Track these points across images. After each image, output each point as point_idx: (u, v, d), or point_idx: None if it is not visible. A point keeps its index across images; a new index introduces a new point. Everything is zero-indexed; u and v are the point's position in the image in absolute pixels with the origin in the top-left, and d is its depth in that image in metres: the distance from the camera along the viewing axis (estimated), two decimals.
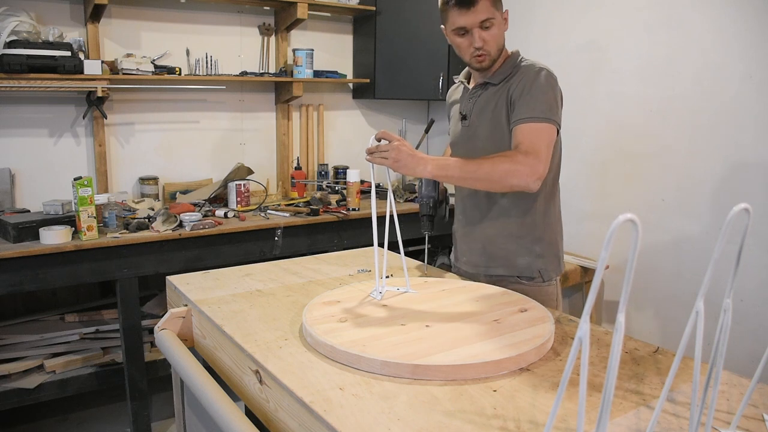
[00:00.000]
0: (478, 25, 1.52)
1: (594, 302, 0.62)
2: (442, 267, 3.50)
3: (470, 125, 1.67)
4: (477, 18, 1.51)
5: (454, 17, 1.54)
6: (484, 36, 1.54)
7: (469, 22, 1.52)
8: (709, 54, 2.46)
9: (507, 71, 1.61)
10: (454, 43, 1.62)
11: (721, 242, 0.65)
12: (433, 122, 3.64)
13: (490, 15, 1.52)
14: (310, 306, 1.30)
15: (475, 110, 1.66)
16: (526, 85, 1.53)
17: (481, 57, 1.58)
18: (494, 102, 1.61)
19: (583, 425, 0.67)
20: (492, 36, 1.55)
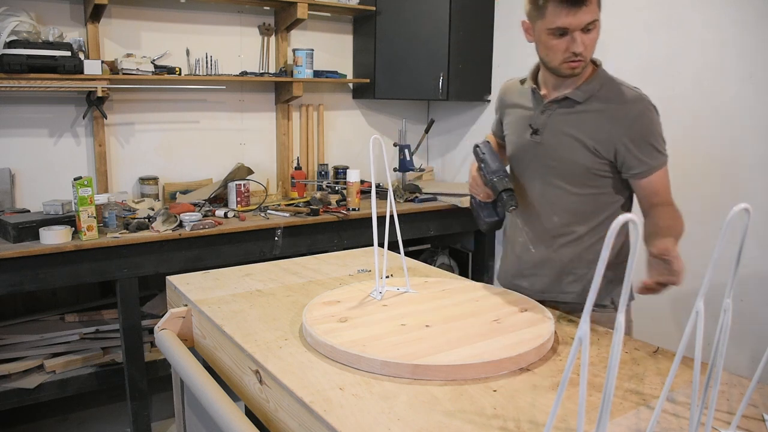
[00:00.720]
0: (582, 27, 1.34)
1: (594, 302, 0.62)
2: (442, 267, 3.50)
3: (543, 143, 1.50)
4: (583, 19, 1.32)
5: (555, 15, 1.33)
6: (585, 41, 1.36)
7: (574, 23, 1.33)
8: (709, 54, 2.46)
9: (594, 88, 1.44)
10: (544, 44, 1.41)
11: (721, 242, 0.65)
12: (433, 122, 3.65)
13: (595, 17, 1.35)
14: (310, 306, 1.30)
15: (551, 127, 1.49)
16: (644, 124, 1.39)
17: (576, 64, 1.39)
18: (579, 125, 1.44)
19: (583, 425, 0.67)
20: (592, 40, 1.38)
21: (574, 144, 1.44)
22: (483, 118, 3.60)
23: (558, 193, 1.51)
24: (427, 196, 3.26)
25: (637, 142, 1.39)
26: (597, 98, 1.43)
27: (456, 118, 3.79)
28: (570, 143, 1.45)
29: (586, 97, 1.44)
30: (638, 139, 1.39)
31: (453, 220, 3.29)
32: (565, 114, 1.46)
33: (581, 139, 1.43)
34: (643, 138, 1.39)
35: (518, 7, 3.34)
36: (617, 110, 1.41)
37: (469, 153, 3.73)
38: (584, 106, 1.44)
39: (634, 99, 1.41)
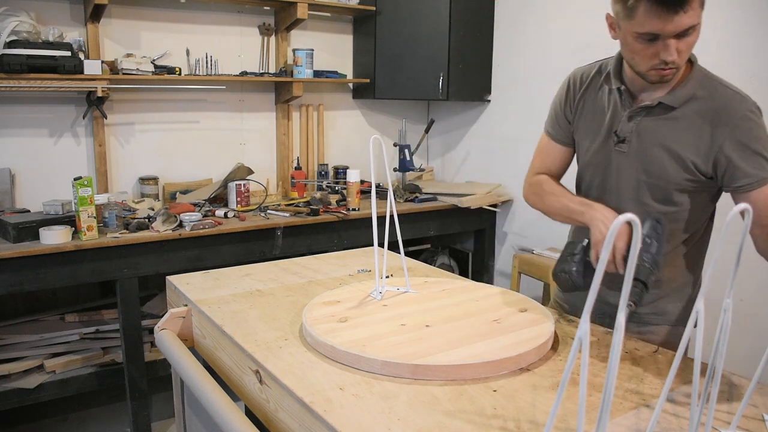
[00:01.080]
0: (677, 33, 1.13)
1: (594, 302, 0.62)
2: (442, 267, 3.50)
3: (629, 154, 1.32)
4: (681, 25, 1.12)
5: (646, 19, 1.13)
6: (680, 47, 1.15)
7: (668, 29, 1.12)
8: (709, 54, 2.45)
9: (690, 90, 1.25)
10: (629, 47, 1.21)
11: (721, 242, 0.65)
12: (433, 122, 3.65)
13: (695, 21, 1.13)
14: (310, 306, 1.30)
15: (640, 137, 1.30)
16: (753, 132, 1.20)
17: (667, 72, 1.19)
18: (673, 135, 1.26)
19: (583, 425, 0.67)
20: (688, 45, 1.17)
21: (665, 157, 1.27)
22: (483, 118, 3.60)
23: (641, 209, 1.32)
24: (427, 196, 3.26)
25: (740, 151, 1.20)
26: (694, 101, 1.24)
27: (456, 118, 3.79)
28: (661, 156, 1.27)
29: (682, 101, 1.25)
30: (742, 146, 1.20)
31: (453, 220, 3.29)
32: (657, 121, 1.27)
33: (675, 151, 1.25)
34: (748, 145, 1.20)
35: (518, 7, 3.34)
36: (717, 114, 1.22)
37: (469, 153, 3.73)
38: (680, 111, 1.25)
39: (736, 101, 1.24)
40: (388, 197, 1.39)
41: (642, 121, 1.29)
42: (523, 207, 3.39)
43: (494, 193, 3.37)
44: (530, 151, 1.67)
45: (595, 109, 1.38)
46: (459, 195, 3.24)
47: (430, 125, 3.61)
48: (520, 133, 3.34)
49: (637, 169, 1.32)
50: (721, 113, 1.23)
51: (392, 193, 1.42)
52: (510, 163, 3.42)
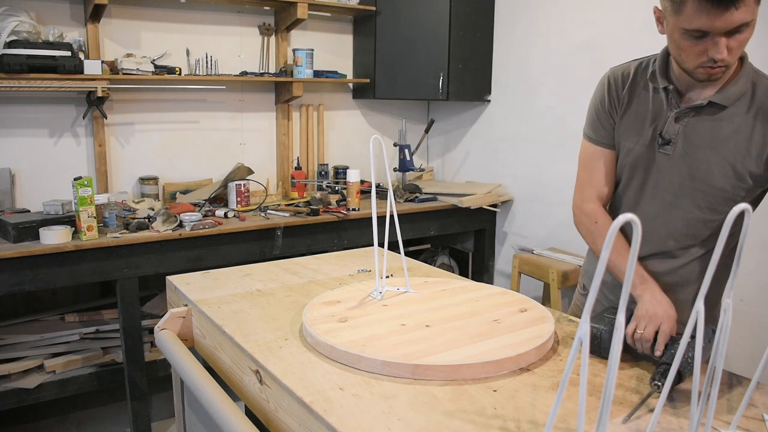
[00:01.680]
0: (727, 30, 1.07)
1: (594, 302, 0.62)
2: (442, 267, 3.50)
3: (674, 157, 1.24)
4: (732, 21, 1.06)
5: (696, 15, 1.07)
6: (731, 44, 1.09)
7: (718, 26, 1.06)
8: None
9: (742, 89, 1.18)
10: (676, 43, 1.15)
11: (721, 242, 0.65)
12: (433, 122, 3.65)
13: (749, 17, 1.06)
14: (310, 306, 1.30)
15: (687, 139, 1.23)
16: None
17: (716, 70, 1.13)
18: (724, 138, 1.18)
19: (583, 425, 0.67)
20: (740, 43, 1.10)
21: (713, 160, 1.19)
22: (483, 118, 3.60)
23: (680, 216, 1.27)
24: (427, 196, 3.26)
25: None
26: (746, 99, 1.17)
27: (456, 118, 3.79)
28: (708, 159, 1.20)
29: (733, 100, 1.18)
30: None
31: (453, 220, 3.29)
32: (705, 122, 1.19)
33: (724, 155, 1.18)
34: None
35: (518, 7, 3.34)
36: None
37: (469, 153, 3.73)
38: (730, 110, 1.18)
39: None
40: (388, 197, 1.39)
41: (690, 122, 1.22)
42: (523, 207, 3.40)
43: (494, 193, 3.37)
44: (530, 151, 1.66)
45: (638, 109, 1.31)
46: (459, 195, 3.24)
47: (430, 125, 3.61)
48: (520, 133, 3.34)
49: (681, 173, 1.24)
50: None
51: (392, 193, 1.42)
52: (510, 163, 3.42)
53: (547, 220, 3.23)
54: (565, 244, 3.07)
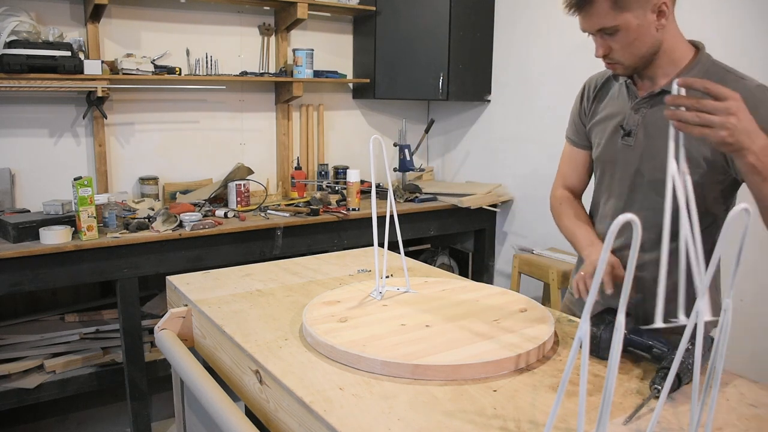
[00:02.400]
0: (593, 31, 1.20)
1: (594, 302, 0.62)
2: (442, 267, 3.50)
3: (635, 148, 1.29)
4: (589, 26, 1.19)
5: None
6: (608, 43, 1.19)
7: (583, 27, 1.21)
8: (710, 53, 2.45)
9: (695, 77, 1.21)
10: None
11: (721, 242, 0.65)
12: (433, 122, 3.65)
13: (608, 23, 1.16)
14: (310, 306, 1.30)
15: (645, 129, 1.27)
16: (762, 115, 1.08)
17: (610, 66, 1.24)
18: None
19: (583, 425, 0.67)
20: (622, 45, 1.18)
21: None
22: (483, 118, 3.61)
23: (645, 206, 1.29)
24: (427, 196, 3.26)
25: None
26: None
27: (456, 118, 3.79)
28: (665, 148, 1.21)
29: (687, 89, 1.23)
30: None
31: (453, 220, 3.29)
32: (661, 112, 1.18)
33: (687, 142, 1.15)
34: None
35: (518, 7, 3.34)
36: None
37: (469, 153, 3.73)
38: None
39: (750, 86, 1.17)
40: (388, 197, 1.39)
41: (648, 113, 1.27)
42: (523, 207, 3.39)
43: (494, 193, 3.37)
44: (530, 151, 1.69)
45: (609, 110, 1.37)
46: (459, 195, 3.24)
47: (430, 125, 3.61)
48: (520, 133, 3.34)
49: (643, 162, 1.29)
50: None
51: (392, 193, 1.42)
52: (510, 163, 3.42)
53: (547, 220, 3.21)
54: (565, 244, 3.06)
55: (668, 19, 1.20)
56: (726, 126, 0.96)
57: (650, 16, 1.16)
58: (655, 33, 1.19)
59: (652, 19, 1.16)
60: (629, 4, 1.14)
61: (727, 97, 0.96)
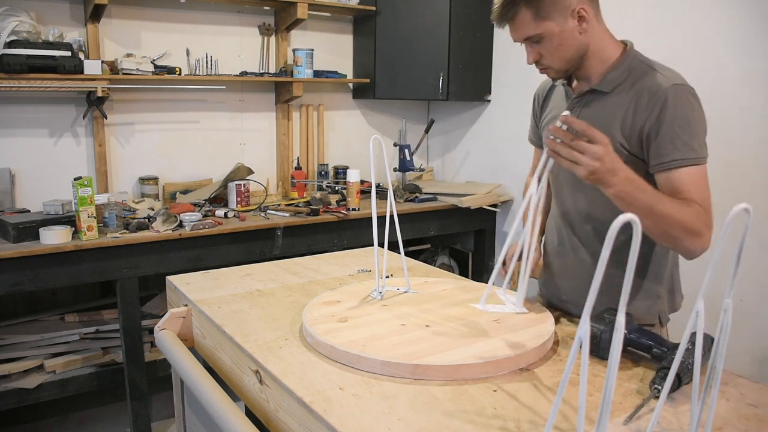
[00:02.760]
0: (520, 40, 1.29)
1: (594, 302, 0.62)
2: (442, 267, 3.50)
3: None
4: (517, 35, 1.28)
5: None
6: (537, 50, 1.28)
7: (512, 36, 1.30)
8: (709, 54, 2.46)
9: (620, 75, 1.29)
10: None
11: (722, 242, 0.65)
12: (433, 122, 3.65)
13: (532, 32, 1.24)
14: (310, 306, 1.30)
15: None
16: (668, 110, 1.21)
17: (543, 71, 1.33)
18: (607, 119, 1.28)
19: (583, 425, 0.67)
20: (547, 51, 1.27)
21: None
22: (483, 118, 3.60)
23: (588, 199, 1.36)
24: (427, 196, 3.26)
25: (659, 132, 1.22)
26: (626, 84, 1.28)
27: (456, 118, 3.79)
28: None
29: (613, 86, 1.29)
30: (662, 128, 1.21)
31: (453, 220, 3.29)
32: (592, 109, 1.32)
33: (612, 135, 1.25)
34: (670, 125, 1.21)
35: None
36: (644, 95, 1.24)
37: (469, 153, 3.73)
38: (613, 96, 1.29)
39: (665, 84, 1.23)
40: (388, 197, 1.39)
41: (582, 111, 1.34)
42: None
43: (494, 193, 3.37)
44: (530, 151, 1.73)
45: (552, 110, 1.48)
46: (459, 195, 3.24)
47: (430, 125, 3.61)
48: (520, 133, 3.32)
49: None
50: (648, 93, 1.24)
51: (392, 193, 1.42)
52: (510, 163, 3.42)
53: None
54: None
55: (591, 23, 1.26)
56: (589, 168, 1.09)
57: (571, 22, 1.24)
58: (579, 36, 1.26)
59: (574, 25, 1.24)
60: (549, 13, 1.22)
61: (599, 141, 1.09)
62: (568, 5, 1.22)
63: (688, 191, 1.22)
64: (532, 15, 1.22)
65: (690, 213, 1.19)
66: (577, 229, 1.41)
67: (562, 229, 1.46)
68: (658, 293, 1.38)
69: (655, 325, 1.39)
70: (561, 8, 1.22)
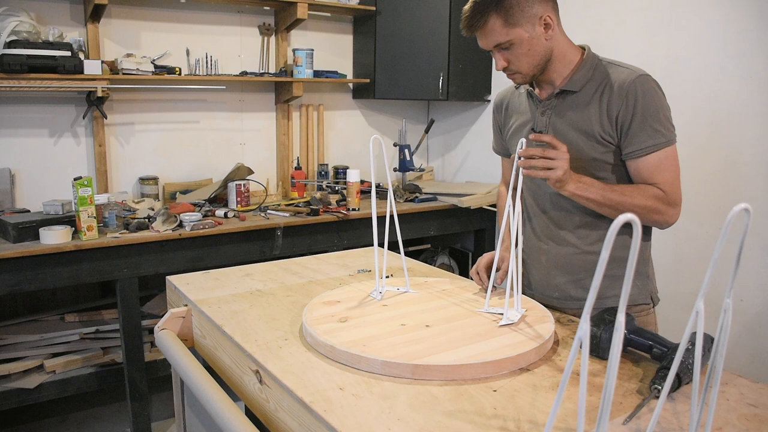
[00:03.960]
0: (490, 47, 1.34)
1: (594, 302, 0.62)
2: (442, 267, 3.50)
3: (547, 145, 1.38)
4: (486, 43, 1.34)
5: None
6: (506, 56, 1.34)
7: (482, 44, 1.36)
8: (709, 54, 2.46)
9: (586, 74, 1.36)
10: None
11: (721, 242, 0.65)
12: (433, 122, 3.65)
13: (502, 39, 1.31)
14: (310, 306, 1.30)
15: (554, 127, 1.40)
16: (639, 101, 1.29)
17: (511, 76, 1.39)
18: (581, 116, 1.36)
19: (583, 425, 0.67)
20: (518, 57, 1.33)
21: (577, 136, 1.36)
22: (483, 118, 3.61)
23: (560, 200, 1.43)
24: (427, 196, 3.26)
25: (632, 121, 1.30)
26: (592, 82, 1.36)
27: (456, 118, 3.79)
28: (573, 137, 1.37)
29: (581, 85, 1.36)
30: (635, 118, 1.30)
31: (453, 220, 3.29)
32: (564, 109, 1.39)
33: (584, 128, 1.35)
34: (641, 115, 1.30)
35: None
36: (612, 88, 1.33)
37: (469, 153, 3.73)
38: (581, 95, 1.36)
39: (630, 76, 1.32)
40: (389, 197, 1.39)
41: (553, 113, 1.41)
42: None
43: (494, 193, 3.37)
44: None
45: (519, 119, 1.51)
46: (459, 195, 3.24)
47: (430, 125, 3.61)
48: None
49: None
50: (615, 87, 1.33)
51: (392, 193, 1.42)
52: None
53: None
54: None
55: (555, 30, 1.35)
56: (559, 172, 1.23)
57: (538, 28, 1.32)
58: (545, 42, 1.34)
59: (541, 31, 1.32)
60: (518, 21, 1.30)
61: (559, 147, 1.24)
62: (535, 13, 1.30)
63: (653, 176, 1.31)
64: (502, 22, 1.29)
65: (643, 196, 1.30)
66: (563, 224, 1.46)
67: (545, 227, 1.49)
68: (647, 273, 1.46)
69: (649, 304, 1.45)
70: (529, 16, 1.30)
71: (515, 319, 1.23)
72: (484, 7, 1.30)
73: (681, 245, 2.60)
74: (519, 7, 1.29)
